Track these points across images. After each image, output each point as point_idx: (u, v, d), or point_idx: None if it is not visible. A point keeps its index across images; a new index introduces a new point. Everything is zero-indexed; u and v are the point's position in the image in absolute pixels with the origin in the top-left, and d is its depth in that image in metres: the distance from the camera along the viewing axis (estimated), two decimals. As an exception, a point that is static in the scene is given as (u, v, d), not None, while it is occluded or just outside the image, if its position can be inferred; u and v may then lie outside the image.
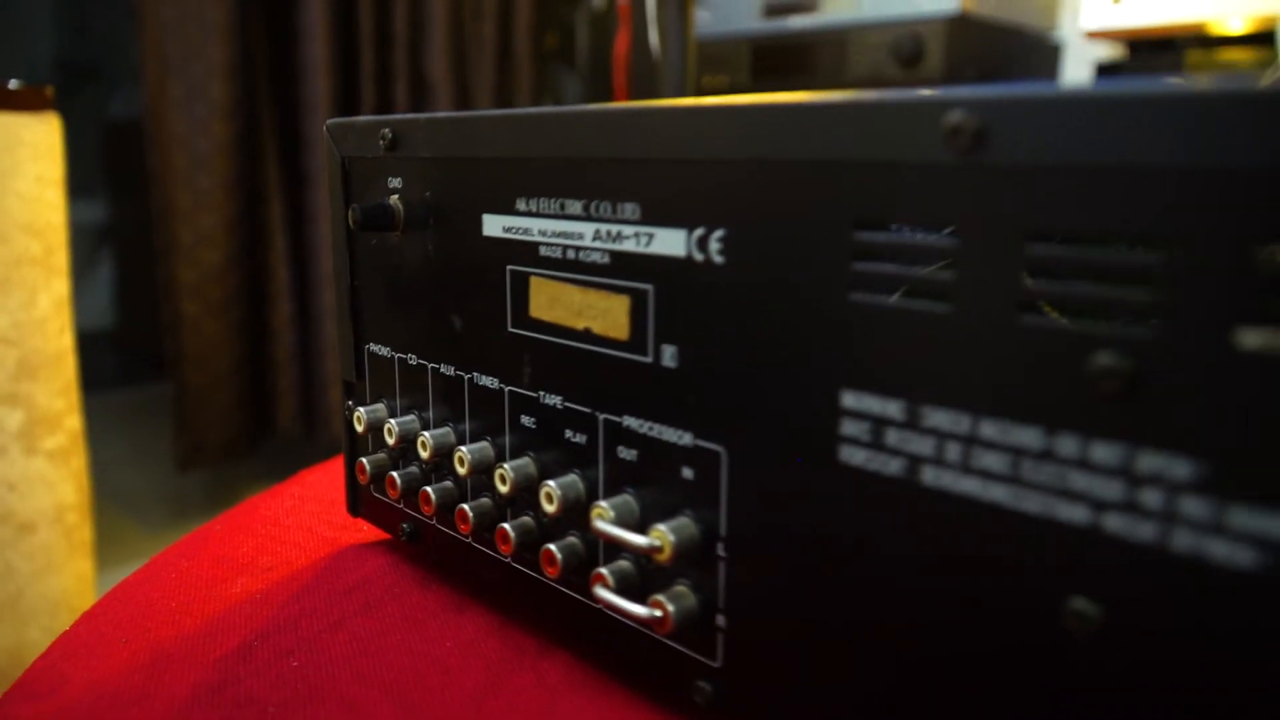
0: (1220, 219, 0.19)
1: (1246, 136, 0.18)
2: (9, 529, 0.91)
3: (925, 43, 1.35)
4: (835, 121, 0.24)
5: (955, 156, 0.22)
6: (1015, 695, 0.23)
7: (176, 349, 1.65)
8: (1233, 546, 0.20)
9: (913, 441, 0.24)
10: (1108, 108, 0.20)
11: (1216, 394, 0.20)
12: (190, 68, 1.55)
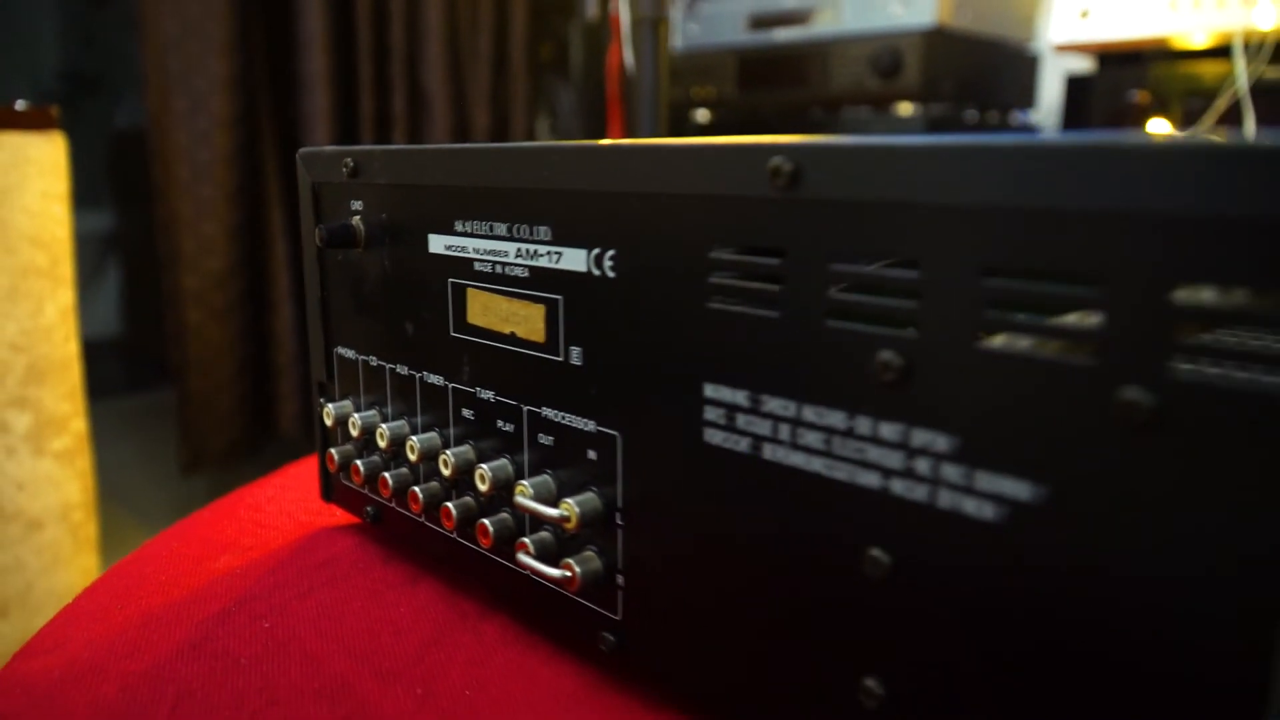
0: (962, 247, 0.25)
1: (981, 178, 0.24)
2: (18, 526, 0.98)
3: (903, 55, 1.41)
4: (690, 163, 0.30)
5: (778, 192, 0.28)
6: (834, 628, 0.29)
7: (180, 355, 1.71)
8: (979, 503, 0.26)
9: (756, 424, 0.30)
10: (884, 154, 0.26)
11: (965, 384, 0.25)
12: (192, 81, 1.62)
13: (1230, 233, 0.20)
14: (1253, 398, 0.20)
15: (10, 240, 0.98)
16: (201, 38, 1.61)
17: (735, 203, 0.29)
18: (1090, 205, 0.22)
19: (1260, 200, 0.19)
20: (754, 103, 1.64)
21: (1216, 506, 0.21)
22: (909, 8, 1.42)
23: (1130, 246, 0.22)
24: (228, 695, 0.37)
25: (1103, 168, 0.22)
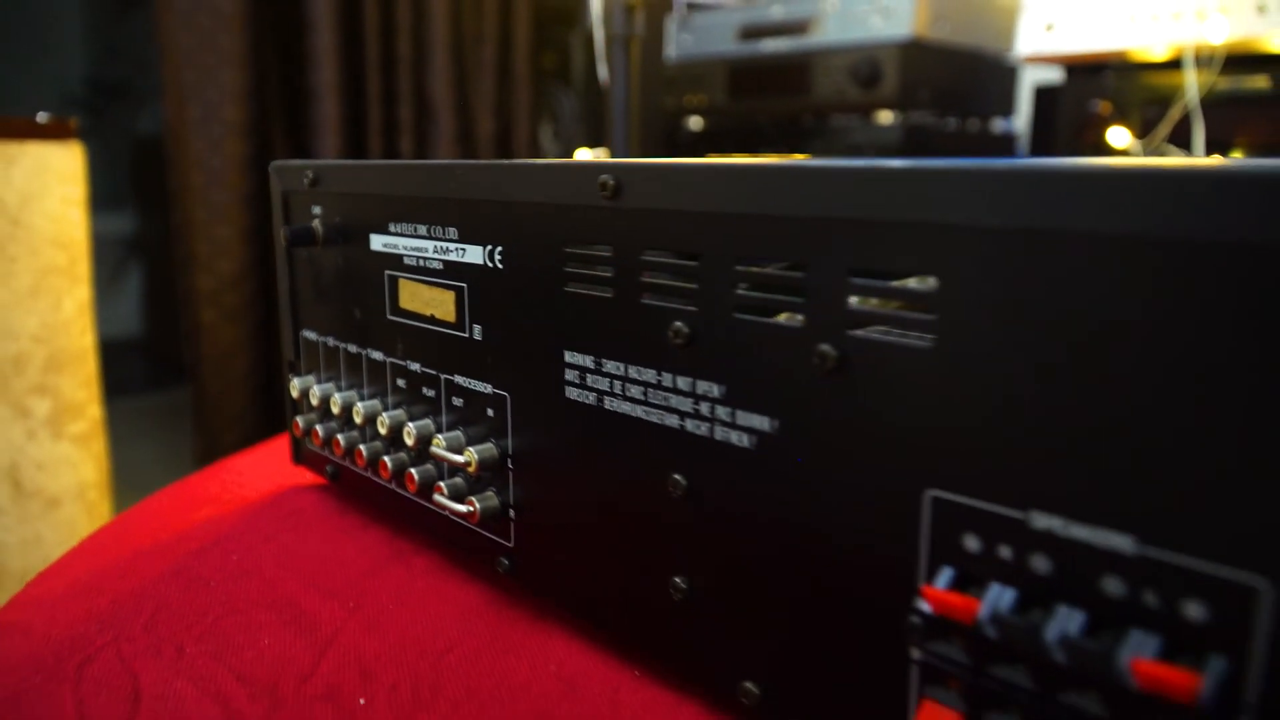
0: (725, 244, 0.34)
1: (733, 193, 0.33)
2: (38, 503, 1.09)
3: (881, 66, 1.50)
4: (547, 178, 0.40)
5: (605, 201, 0.38)
6: (650, 539, 0.38)
7: (194, 353, 1.83)
8: (740, 434, 0.35)
9: (599, 381, 0.40)
10: (677, 173, 0.35)
11: (729, 345, 0.35)
12: (207, 92, 1.74)
13: (880, 233, 0.29)
14: (899, 348, 0.29)
15: (32, 242, 1.10)
16: (215, 50, 1.72)
17: (578, 210, 0.39)
18: (796, 213, 0.31)
19: (898, 208, 0.29)
20: (744, 111, 1.73)
21: (885, 425, 0.30)
22: (888, 20, 1.51)
23: (821, 244, 0.31)
24: (196, 607, 0.47)
25: (801, 185, 0.31)
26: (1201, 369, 0.23)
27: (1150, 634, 0.25)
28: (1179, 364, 0.24)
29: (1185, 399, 0.24)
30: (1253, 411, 0.23)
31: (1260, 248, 0.22)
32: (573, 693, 0.40)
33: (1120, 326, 0.24)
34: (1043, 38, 1.36)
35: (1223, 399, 0.23)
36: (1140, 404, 0.24)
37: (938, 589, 0.28)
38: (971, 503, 0.28)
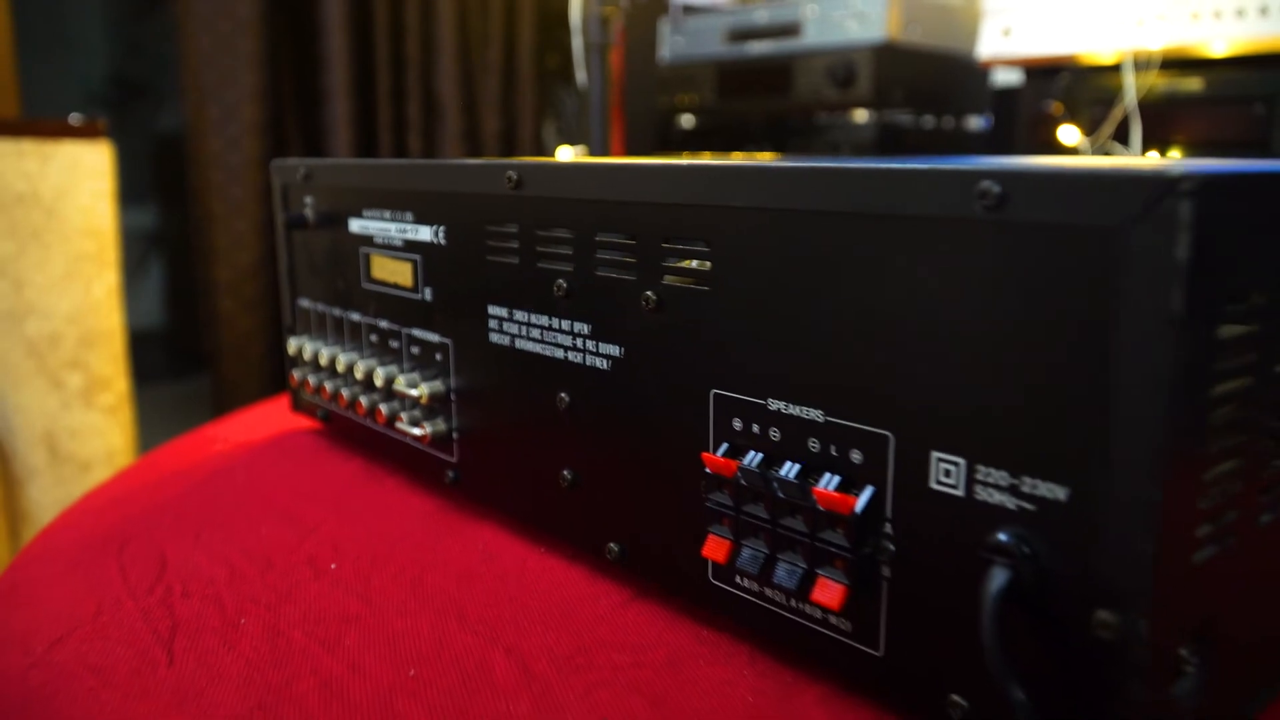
0: (590, 222, 0.48)
1: (596, 185, 0.48)
2: (72, 467, 1.25)
3: (856, 68, 1.64)
4: (469, 173, 0.55)
5: (509, 191, 0.52)
6: (547, 442, 0.53)
7: (214, 342, 1.99)
8: (601, 359, 0.49)
9: (510, 327, 0.54)
10: (560, 169, 0.50)
11: (592, 295, 0.49)
12: (225, 93, 1.90)
13: (680, 213, 0.44)
14: (692, 292, 0.44)
15: (65, 231, 1.26)
16: (234, 53, 1.89)
17: (493, 198, 0.54)
18: (631, 199, 0.46)
19: (689, 195, 0.43)
20: (733, 110, 1.87)
21: (687, 346, 0.45)
22: (862, 24, 1.65)
23: (646, 221, 0.45)
24: (209, 511, 0.62)
25: (633, 179, 0.45)
26: (858, 302, 0.37)
27: (834, 474, 0.39)
28: (844, 297, 0.38)
29: (850, 321, 0.38)
30: (869, 325, 0.37)
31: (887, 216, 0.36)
32: (493, 561, 0.54)
33: (817, 275, 0.39)
34: (1000, 42, 1.49)
35: (868, 322, 0.37)
36: (823, 327, 0.39)
37: (714, 455, 0.43)
38: (736, 396, 0.43)
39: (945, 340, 0.35)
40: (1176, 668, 0.34)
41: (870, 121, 1.68)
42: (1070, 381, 0.31)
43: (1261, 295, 0.33)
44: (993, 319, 0.33)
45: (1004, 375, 0.33)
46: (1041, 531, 0.33)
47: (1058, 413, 0.32)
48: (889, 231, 0.36)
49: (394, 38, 2.06)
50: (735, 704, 0.40)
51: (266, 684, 0.42)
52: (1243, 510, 0.35)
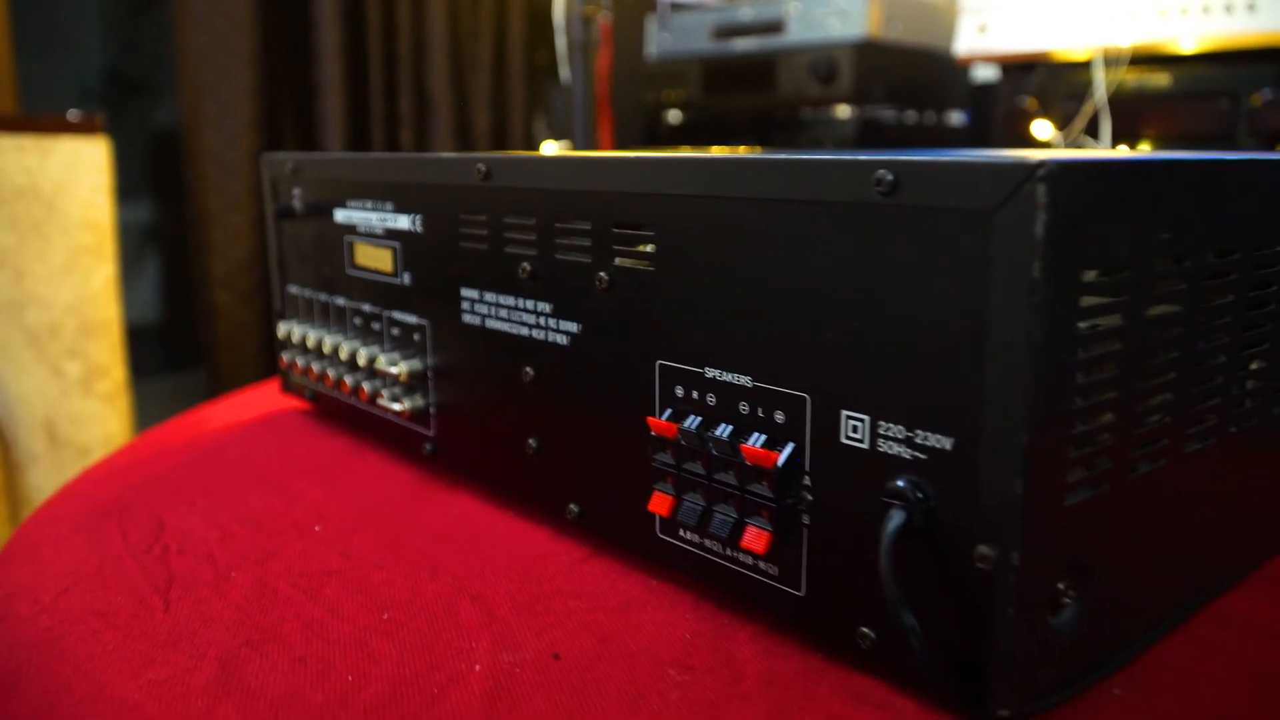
0: (550, 209, 0.53)
1: (556, 176, 0.52)
2: (71, 452, 1.30)
3: (838, 64, 1.68)
4: (442, 166, 0.59)
5: (479, 182, 0.57)
6: (514, 413, 0.58)
7: (209, 334, 2.04)
8: (561, 336, 0.54)
9: (481, 308, 0.59)
10: (522, 162, 0.54)
11: (553, 276, 0.54)
12: (221, 89, 1.95)
13: (629, 200, 0.48)
14: (639, 272, 0.48)
15: (65, 225, 1.31)
16: (230, 51, 1.93)
17: (465, 189, 0.58)
18: (586, 188, 0.51)
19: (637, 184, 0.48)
20: (719, 105, 1.92)
21: (636, 322, 0.49)
22: (844, 22, 1.70)
23: (599, 208, 0.50)
24: (204, 481, 0.67)
25: (587, 171, 0.50)
26: (778, 278, 0.42)
27: (760, 433, 0.44)
28: (767, 274, 0.43)
29: (772, 296, 0.43)
30: (788, 299, 0.42)
31: (800, 201, 0.41)
32: (465, 522, 0.59)
33: (743, 255, 0.43)
34: (977, 39, 1.54)
35: (787, 296, 0.42)
36: (750, 302, 0.43)
37: (658, 420, 0.48)
38: (678, 366, 0.47)
39: (851, 311, 0.39)
40: (1055, 600, 0.39)
41: (852, 117, 1.73)
42: (954, 345, 0.36)
43: (1123, 268, 0.37)
44: (889, 291, 0.38)
45: (900, 341, 0.38)
46: (932, 477, 0.38)
47: (944, 372, 0.37)
48: (802, 215, 0.41)
49: (386, 34, 2.11)
50: (675, 641, 0.45)
51: (254, 626, 0.47)
52: (1116, 460, 0.39)
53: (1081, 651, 0.40)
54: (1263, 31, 1.27)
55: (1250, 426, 0.48)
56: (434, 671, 0.43)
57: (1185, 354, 0.42)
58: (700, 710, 0.40)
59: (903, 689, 0.41)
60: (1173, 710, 0.40)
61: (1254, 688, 0.42)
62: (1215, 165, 0.42)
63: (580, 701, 0.41)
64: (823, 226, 0.40)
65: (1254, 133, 1.31)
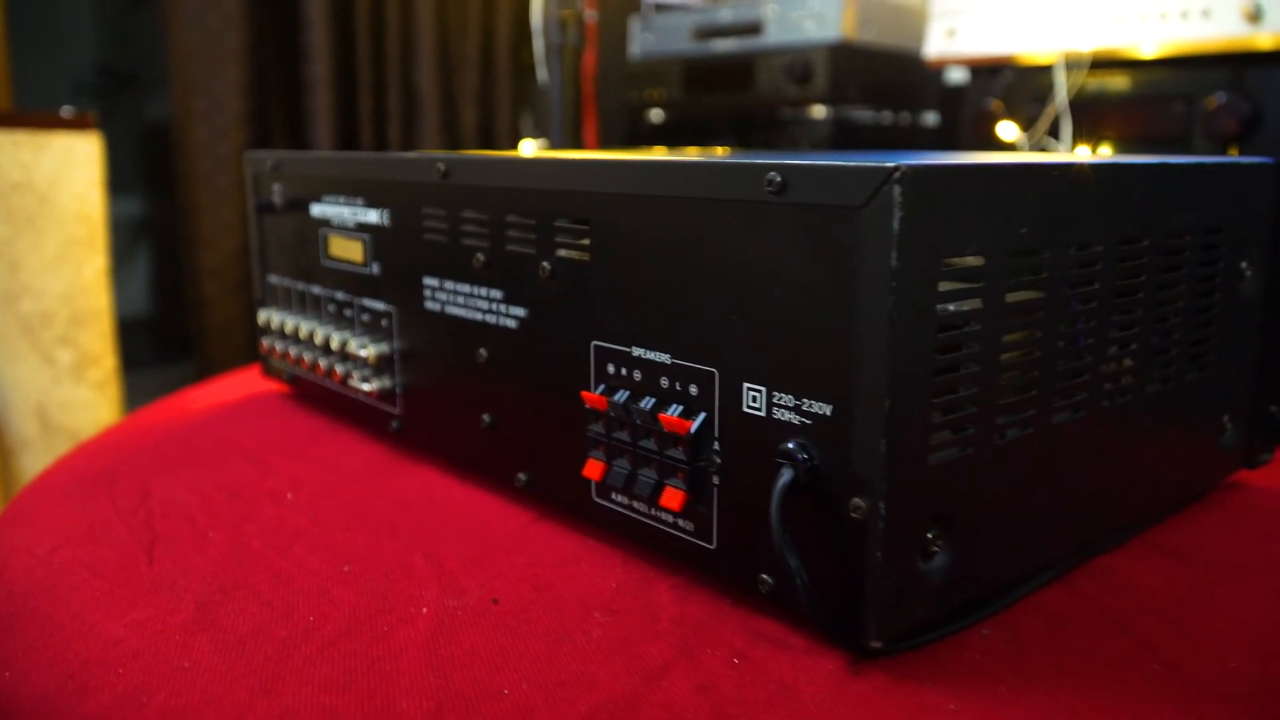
0: (501, 204, 0.59)
1: (506, 175, 0.58)
2: (62, 437, 1.36)
3: (813, 65, 1.75)
4: (403, 165, 0.66)
5: (439, 180, 0.63)
6: (469, 391, 0.64)
7: (199, 326, 2.10)
8: (512, 320, 0.60)
9: (441, 295, 0.65)
10: (478, 161, 0.61)
11: (503, 265, 0.60)
12: (212, 85, 2.01)
13: (567, 197, 0.54)
14: (577, 261, 0.55)
15: (59, 217, 1.37)
16: (219, 46, 1.99)
17: (426, 186, 0.65)
18: (532, 187, 0.57)
19: (573, 183, 0.54)
20: (699, 105, 1.98)
21: (574, 306, 0.55)
22: (820, 24, 1.76)
23: (543, 204, 0.56)
24: (187, 455, 0.73)
25: (533, 171, 0.56)
26: (690, 267, 0.48)
27: (678, 404, 0.50)
28: (680, 263, 0.49)
29: (685, 283, 0.49)
30: (698, 285, 0.48)
31: (706, 199, 0.47)
32: (426, 492, 0.65)
33: (661, 246, 0.50)
34: (945, 42, 1.60)
35: (697, 283, 0.48)
36: (668, 288, 0.49)
37: (592, 394, 0.54)
38: (610, 345, 0.54)
39: (750, 295, 0.46)
40: (925, 548, 0.45)
41: (827, 117, 1.79)
42: (831, 323, 0.42)
43: (978, 258, 0.44)
44: (780, 277, 0.44)
45: (789, 320, 0.44)
46: (815, 440, 0.44)
47: (824, 348, 0.43)
48: (709, 211, 0.47)
49: (374, 32, 2.17)
50: (603, 590, 0.52)
51: (228, 576, 0.53)
52: (981, 426, 0.46)
53: (953, 595, 0.46)
54: (1216, 37, 1.34)
55: (1124, 402, 0.54)
56: (385, 613, 0.49)
57: (1048, 335, 0.48)
58: (616, 645, 0.46)
59: (797, 628, 0.47)
60: (1033, 648, 0.46)
61: (1111, 630, 0.48)
62: (1068, 168, 0.48)
63: (513, 637, 0.47)
64: (726, 221, 0.46)
65: (1208, 135, 1.37)
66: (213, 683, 0.43)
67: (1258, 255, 0.61)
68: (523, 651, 0.45)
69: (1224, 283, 0.59)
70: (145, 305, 3.06)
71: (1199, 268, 0.57)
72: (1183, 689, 0.42)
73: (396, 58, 2.19)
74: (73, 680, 0.45)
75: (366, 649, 0.46)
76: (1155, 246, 0.54)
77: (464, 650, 0.46)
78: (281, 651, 0.46)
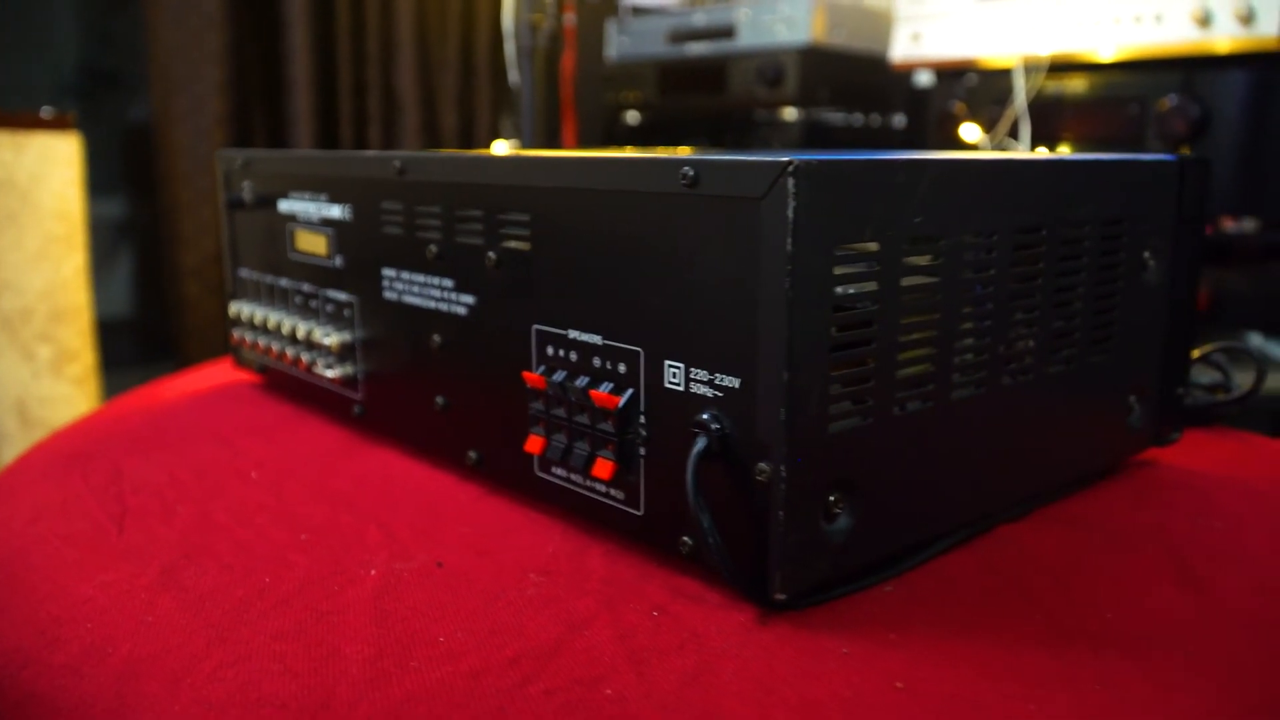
0: (449, 197, 0.64)
1: (456, 171, 0.63)
2: (42, 431, 1.40)
3: (784, 68, 1.80)
4: (363, 163, 0.70)
5: (396, 176, 0.68)
6: (424, 375, 0.68)
7: (180, 325, 2.14)
8: (462, 308, 0.65)
9: (398, 285, 0.70)
10: (428, 160, 0.65)
11: (454, 255, 0.65)
12: (192, 86, 2.05)
13: (510, 192, 0.59)
14: (520, 251, 0.59)
15: (39, 216, 1.41)
16: (201, 48, 2.04)
17: (384, 182, 0.69)
18: (479, 182, 0.61)
19: (515, 179, 0.58)
20: (673, 107, 2.03)
21: (517, 293, 0.60)
22: (790, 28, 1.81)
23: (490, 199, 0.61)
24: (160, 438, 0.77)
25: (478, 167, 0.61)
26: (617, 254, 0.53)
27: (609, 381, 0.55)
28: (608, 251, 0.53)
29: (613, 269, 0.53)
30: (624, 271, 0.52)
31: (629, 192, 0.52)
32: (384, 471, 0.70)
33: (592, 235, 0.54)
34: (910, 46, 1.65)
35: (623, 269, 0.53)
36: (599, 274, 0.54)
37: (532, 374, 0.58)
38: (548, 329, 0.58)
39: (668, 279, 0.50)
40: (827, 510, 0.50)
41: (799, 119, 1.84)
42: (738, 304, 0.47)
43: (873, 244, 0.48)
44: (694, 262, 0.49)
45: (703, 302, 0.49)
46: (726, 410, 0.49)
47: (732, 326, 0.48)
48: (632, 203, 0.52)
49: (355, 34, 2.21)
50: (540, 556, 0.56)
51: (192, 545, 0.58)
52: (879, 398, 0.50)
53: (856, 555, 0.51)
54: (1168, 42, 1.39)
55: (1026, 381, 0.59)
56: (336, 575, 0.54)
57: (946, 316, 0.53)
58: (547, 602, 0.51)
59: (714, 585, 0.52)
60: (927, 601, 0.51)
61: (1001, 586, 0.53)
62: (964, 163, 0.53)
63: (452, 595, 0.51)
64: (647, 212, 0.51)
65: (1160, 136, 1.43)
66: (173, 634, 0.48)
67: (1161, 246, 0.66)
68: (460, 607, 0.50)
69: (1126, 271, 0.64)
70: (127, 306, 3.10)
71: (1100, 257, 0.62)
72: (1056, 635, 0.47)
73: (377, 60, 2.24)
74: (44, 634, 0.49)
75: (317, 605, 0.50)
76: (1054, 236, 0.58)
77: (406, 606, 0.50)
78: (238, 608, 0.50)
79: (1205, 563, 0.55)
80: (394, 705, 0.41)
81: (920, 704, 0.42)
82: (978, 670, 0.44)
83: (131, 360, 2.98)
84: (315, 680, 0.43)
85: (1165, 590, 0.53)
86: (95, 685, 0.44)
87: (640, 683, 0.43)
